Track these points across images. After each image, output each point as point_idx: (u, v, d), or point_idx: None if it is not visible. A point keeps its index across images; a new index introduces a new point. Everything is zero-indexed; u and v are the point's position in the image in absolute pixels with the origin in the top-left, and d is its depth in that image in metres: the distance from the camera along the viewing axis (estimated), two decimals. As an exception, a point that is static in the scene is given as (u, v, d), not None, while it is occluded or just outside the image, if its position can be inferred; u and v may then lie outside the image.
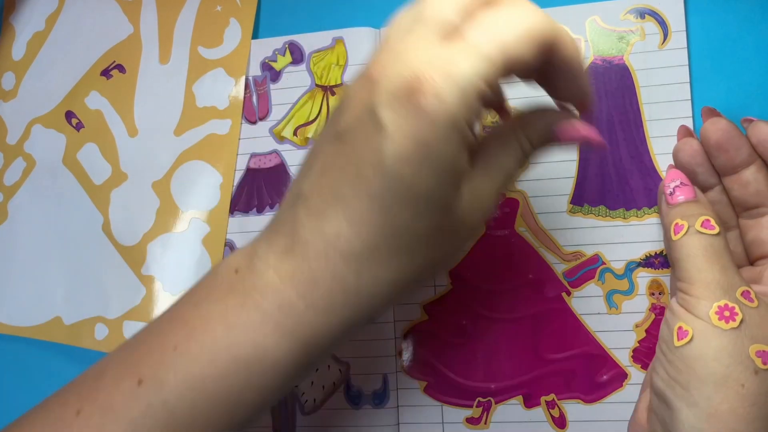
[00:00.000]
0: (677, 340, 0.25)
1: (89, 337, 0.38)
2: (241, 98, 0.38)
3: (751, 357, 0.24)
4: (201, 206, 0.38)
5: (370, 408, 0.35)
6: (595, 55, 0.34)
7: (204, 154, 0.38)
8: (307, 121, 0.37)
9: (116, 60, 0.40)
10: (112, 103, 0.40)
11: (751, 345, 0.24)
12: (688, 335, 0.25)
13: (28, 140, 0.41)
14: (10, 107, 0.41)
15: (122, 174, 0.39)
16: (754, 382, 0.24)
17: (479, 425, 0.34)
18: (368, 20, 0.37)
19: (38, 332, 0.39)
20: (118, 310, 0.38)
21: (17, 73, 0.42)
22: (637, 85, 0.34)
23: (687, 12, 0.34)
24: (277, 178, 0.37)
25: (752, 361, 0.24)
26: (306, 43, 0.38)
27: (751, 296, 0.25)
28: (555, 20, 0.22)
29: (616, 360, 0.33)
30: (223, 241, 0.37)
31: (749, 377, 0.24)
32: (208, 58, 0.39)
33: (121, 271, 0.38)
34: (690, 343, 0.25)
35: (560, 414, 0.33)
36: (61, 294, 0.39)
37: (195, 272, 0.37)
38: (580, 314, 0.33)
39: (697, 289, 0.25)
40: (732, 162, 0.28)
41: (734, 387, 0.24)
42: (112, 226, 0.38)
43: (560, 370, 0.33)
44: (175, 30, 0.40)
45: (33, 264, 0.39)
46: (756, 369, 0.24)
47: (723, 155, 0.28)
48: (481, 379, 0.34)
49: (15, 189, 0.40)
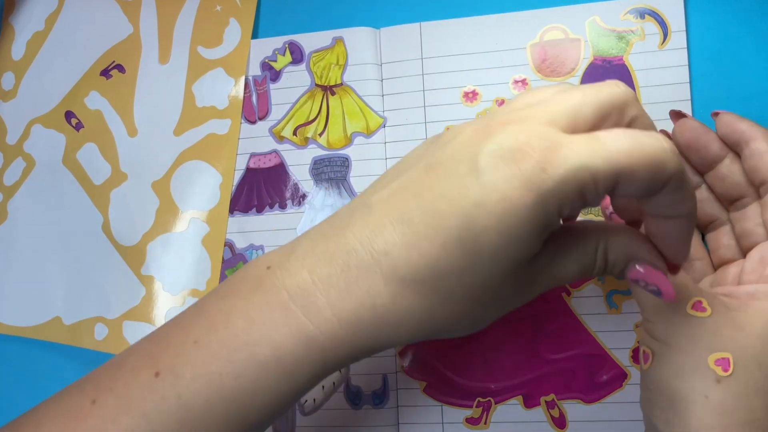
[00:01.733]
0: (644, 364, 0.26)
1: (89, 337, 0.38)
2: (240, 98, 0.38)
3: (711, 367, 0.24)
4: (201, 206, 0.38)
5: (370, 408, 0.35)
6: (595, 55, 0.34)
7: (204, 153, 0.38)
8: (306, 121, 0.37)
9: (116, 60, 0.40)
10: (111, 103, 0.40)
11: (709, 355, 0.24)
12: (649, 359, 0.25)
13: (28, 140, 0.41)
14: (9, 107, 0.41)
15: (122, 174, 0.39)
16: (718, 391, 0.24)
17: (479, 425, 0.34)
18: (368, 20, 0.37)
19: (38, 332, 0.39)
20: (118, 310, 0.38)
21: (17, 73, 0.42)
22: (637, 85, 0.34)
23: (687, 12, 0.34)
24: (277, 177, 0.37)
25: (712, 371, 0.24)
26: (306, 42, 0.38)
27: (702, 305, 0.25)
28: (684, 168, 0.21)
29: (616, 360, 0.33)
30: (222, 241, 0.37)
31: (711, 387, 0.24)
32: (207, 58, 0.39)
33: (120, 271, 0.38)
34: (652, 365, 0.25)
35: (560, 414, 0.33)
36: (61, 294, 0.39)
37: (195, 272, 0.37)
38: (580, 314, 0.33)
39: (649, 314, 0.26)
40: (705, 159, 0.28)
41: (699, 400, 0.24)
42: (112, 226, 0.38)
43: (560, 370, 0.33)
44: (175, 30, 0.40)
45: (33, 264, 0.39)
46: (717, 378, 0.24)
47: (694, 154, 0.28)
48: (481, 379, 0.34)
49: (15, 189, 0.40)
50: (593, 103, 0.22)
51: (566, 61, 0.34)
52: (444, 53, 0.36)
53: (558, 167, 0.20)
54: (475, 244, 0.21)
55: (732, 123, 0.27)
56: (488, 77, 0.35)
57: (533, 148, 0.20)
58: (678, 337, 0.25)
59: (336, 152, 0.37)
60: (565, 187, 0.20)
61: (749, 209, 0.28)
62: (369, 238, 0.23)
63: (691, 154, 0.29)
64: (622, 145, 0.20)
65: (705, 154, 0.28)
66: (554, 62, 0.35)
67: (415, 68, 0.36)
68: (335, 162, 0.37)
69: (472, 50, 0.35)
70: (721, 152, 0.28)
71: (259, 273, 0.24)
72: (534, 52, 0.35)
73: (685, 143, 0.28)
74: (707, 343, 0.24)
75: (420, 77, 0.36)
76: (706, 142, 0.28)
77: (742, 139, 0.27)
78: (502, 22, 0.35)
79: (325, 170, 0.37)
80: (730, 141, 0.28)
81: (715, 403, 0.24)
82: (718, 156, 0.28)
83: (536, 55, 0.35)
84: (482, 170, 0.21)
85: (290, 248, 0.24)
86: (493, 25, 0.35)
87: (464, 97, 0.35)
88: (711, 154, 0.28)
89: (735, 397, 0.24)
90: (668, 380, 0.25)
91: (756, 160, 0.27)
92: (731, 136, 0.28)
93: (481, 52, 0.35)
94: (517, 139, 0.21)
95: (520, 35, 0.35)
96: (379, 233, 0.22)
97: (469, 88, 0.35)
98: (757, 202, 0.28)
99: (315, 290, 0.23)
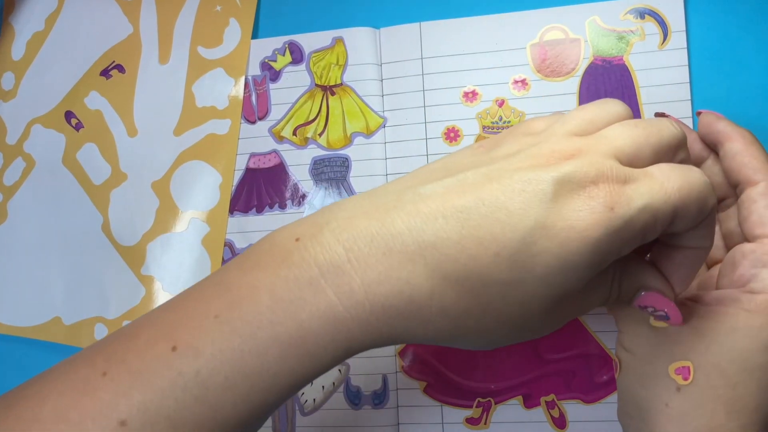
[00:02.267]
0: (616, 373, 0.27)
1: (89, 337, 0.38)
2: (240, 98, 0.38)
3: (672, 376, 0.24)
4: (200, 206, 0.38)
5: (370, 408, 0.35)
6: (595, 55, 0.34)
7: (203, 153, 0.38)
8: (306, 121, 0.37)
9: (116, 60, 0.40)
10: (111, 103, 0.40)
11: (670, 364, 0.25)
12: (618, 368, 0.27)
13: (28, 140, 0.41)
14: (9, 107, 0.41)
15: (122, 174, 0.39)
16: (678, 400, 0.24)
17: (479, 425, 0.34)
18: (368, 20, 0.37)
19: (38, 332, 0.39)
20: (118, 311, 0.38)
21: (17, 73, 0.42)
22: (637, 85, 0.34)
23: (687, 12, 0.34)
24: (277, 177, 0.37)
25: (673, 380, 0.24)
26: (306, 42, 0.38)
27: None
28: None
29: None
30: (222, 240, 0.37)
31: (672, 395, 0.24)
32: (207, 58, 0.39)
33: (120, 271, 0.38)
34: (621, 375, 0.27)
35: (560, 414, 0.33)
36: (60, 294, 0.39)
37: (195, 272, 0.37)
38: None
39: (619, 324, 0.27)
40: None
41: (660, 408, 0.24)
42: (112, 226, 0.38)
43: (560, 370, 0.33)
44: (175, 30, 0.40)
45: (33, 264, 0.39)
46: (677, 386, 0.24)
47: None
48: (481, 379, 0.34)
49: (15, 189, 0.40)
50: (655, 144, 0.22)
51: (566, 61, 0.34)
52: (444, 53, 0.36)
53: (627, 208, 0.21)
54: (528, 262, 0.21)
55: (710, 123, 0.27)
56: (488, 77, 0.35)
57: (602, 184, 0.21)
58: (642, 347, 0.26)
59: (336, 152, 0.37)
60: (632, 227, 0.21)
61: (731, 210, 0.28)
62: (419, 227, 0.22)
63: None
64: (676, 183, 0.21)
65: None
66: (554, 62, 0.35)
67: (415, 68, 0.36)
68: (335, 162, 0.37)
69: (472, 50, 0.35)
70: (702, 153, 0.28)
71: (287, 245, 0.23)
72: (534, 52, 0.35)
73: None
74: (669, 353, 0.25)
75: (420, 77, 0.36)
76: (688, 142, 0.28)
77: (718, 139, 0.27)
78: (502, 22, 0.35)
79: (325, 170, 0.37)
80: (709, 141, 0.28)
81: (675, 411, 0.24)
82: (699, 157, 0.28)
83: (536, 55, 0.35)
84: (552, 195, 0.21)
85: (322, 220, 0.23)
86: (493, 25, 0.35)
87: (464, 97, 0.35)
88: (692, 155, 0.28)
89: (695, 405, 0.24)
90: (634, 389, 0.26)
91: (729, 161, 0.27)
92: (709, 136, 0.28)
93: (481, 52, 0.35)
94: (586, 172, 0.21)
95: (520, 35, 0.35)
96: (431, 224, 0.21)
97: (469, 88, 0.35)
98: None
99: (350, 269, 0.22)
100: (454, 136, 0.35)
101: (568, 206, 0.21)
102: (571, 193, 0.21)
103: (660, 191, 0.21)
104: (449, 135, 0.35)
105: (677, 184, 0.21)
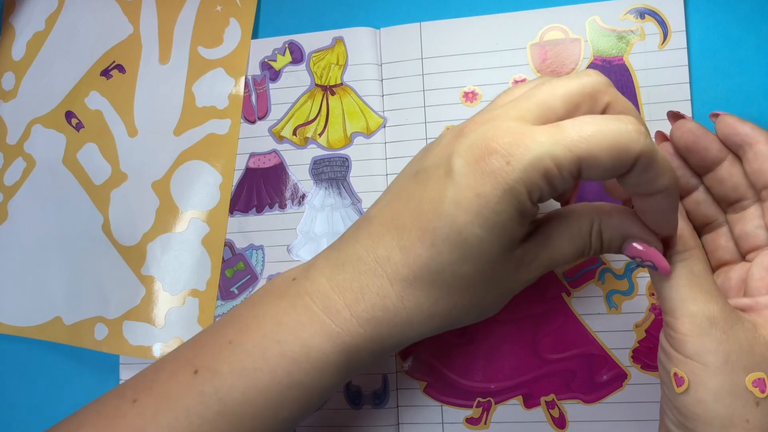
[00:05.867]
0: (677, 387, 0.24)
1: (89, 337, 0.38)
2: (240, 98, 0.38)
3: (749, 389, 0.23)
4: (201, 206, 0.38)
5: (370, 408, 0.35)
6: (594, 55, 0.34)
7: (203, 153, 0.38)
8: (306, 121, 0.37)
9: (116, 60, 0.40)
10: (112, 103, 0.40)
11: (746, 376, 0.23)
12: (685, 382, 0.24)
13: (28, 140, 0.41)
14: (10, 107, 0.41)
15: (122, 174, 0.39)
16: (758, 415, 0.23)
17: (479, 425, 0.34)
18: (368, 20, 0.37)
19: (38, 332, 0.39)
20: (118, 310, 0.38)
21: (17, 73, 0.42)
22: (637, 85, 0.34)
23: (687, 12, 0.34)
24: (277, 177, 0.37)
25: (750, 393, 0.23)
26: (306, 42, 0.38)
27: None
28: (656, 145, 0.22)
29: (616, 360, 0.33)
30: (222, 240, 0.37)
31: (752, 411, 0.23)
32: (207, 58, 0.39)
33: (120, 271, 0.38)
34: (689, 389, 0.24)
35: (560, 414, 0.33)
36: (61, 294, 0.39)
37: (195, 272, 0.37)
38: (580, 314, 0.33)
39: (682, 325, 0.24)
40: (704, 161, 0.28)
41: (740, 424, 0.23)
42: (112, 226, 0.38)
43: (560, 370, 0.33)
44: (175, 30, 0.40)
45: (33, 264, 0.39)
46: (757, 400, 0.23)
47: (693, 156, 0.28)
48: (481, 380, 0.34)
49: (15, 189, 0.40)
50: (562, 94, 0.23)
51: (566, 61, 0.34)
52: (444, 53, 0.36)
53: (521, 158, 0.22)
54: (460, 239, 0.23)
55: (733, 125, 0.27)
56: (488, 77, 0.35)
57: (499, 143, 0.22)
58: (717, 355, 0.24)
59: (336, 152, 0.37)
60: (530, 175, 0.22)
61: (749, 211, 0.28)
62: (372, 246, 0.25)
63: (691, 156, 0.28)
64: (585, 131, 0.21)
65: (705, 156, 0.28)
66: (554, 62, 0.35)
67: (415, 68, 0.36)
68: (335, 162, 0.37)
69: (472, 50, 0.35)
70: (720, 154, 0.28)
71: (285, 283, 0.27)
72: (534, 52, 0.35)
73: (683, 145, 0.28)
74: (743, 364, 0.23)
75: (420, 77, 0.36)
76: (705, 144, 0.28)
77: (745, 141, 0.27)
78: (502, 22, 0.35)
79: (325, 170, 0.37)
80: (731, 143, 0.28)
81: (755, 427, 0.23)
82: (717, 158, 0.28)
83: (536, 55, 0.35)
84: (456, 171, 0.23)
85: (311, 262, 0.27)
86: (493, 25, 0.35)
87: (464, 97, 0.35)
88: (711, 157, 0.28)
89: None
90: (707, 404, 0.23)
91: (760, 164, 0.27)
92: (733, 138, 0.27)
93: (481, 52, 0.35)
94: (485, 136, 0.22)
95: (520, 35, 0.35)
96: (379, 241, 0.25)
97: (469, 88, 0.35)
98: (758, 205, 0.28)
99: (333, 294, 0.25)
100: (454, 136, 0.35)
101: (471, 175, 0.23)
102: (473, 161, 0.23)
103: (563, 139, 0.21)
104: (449, 135, 0.35)
105: (586, 132, 0.21)
